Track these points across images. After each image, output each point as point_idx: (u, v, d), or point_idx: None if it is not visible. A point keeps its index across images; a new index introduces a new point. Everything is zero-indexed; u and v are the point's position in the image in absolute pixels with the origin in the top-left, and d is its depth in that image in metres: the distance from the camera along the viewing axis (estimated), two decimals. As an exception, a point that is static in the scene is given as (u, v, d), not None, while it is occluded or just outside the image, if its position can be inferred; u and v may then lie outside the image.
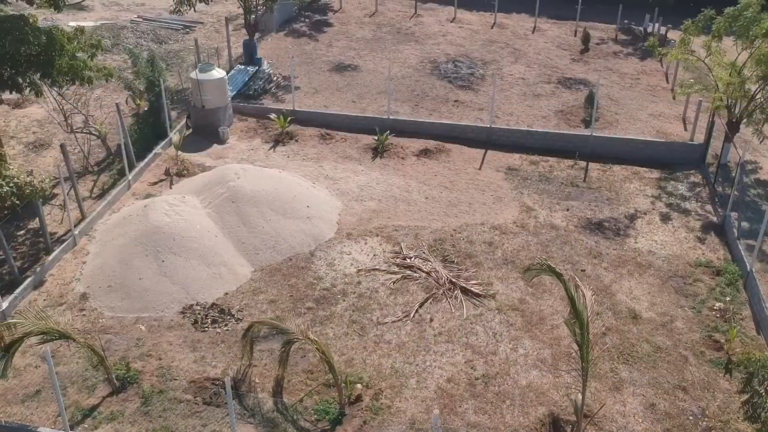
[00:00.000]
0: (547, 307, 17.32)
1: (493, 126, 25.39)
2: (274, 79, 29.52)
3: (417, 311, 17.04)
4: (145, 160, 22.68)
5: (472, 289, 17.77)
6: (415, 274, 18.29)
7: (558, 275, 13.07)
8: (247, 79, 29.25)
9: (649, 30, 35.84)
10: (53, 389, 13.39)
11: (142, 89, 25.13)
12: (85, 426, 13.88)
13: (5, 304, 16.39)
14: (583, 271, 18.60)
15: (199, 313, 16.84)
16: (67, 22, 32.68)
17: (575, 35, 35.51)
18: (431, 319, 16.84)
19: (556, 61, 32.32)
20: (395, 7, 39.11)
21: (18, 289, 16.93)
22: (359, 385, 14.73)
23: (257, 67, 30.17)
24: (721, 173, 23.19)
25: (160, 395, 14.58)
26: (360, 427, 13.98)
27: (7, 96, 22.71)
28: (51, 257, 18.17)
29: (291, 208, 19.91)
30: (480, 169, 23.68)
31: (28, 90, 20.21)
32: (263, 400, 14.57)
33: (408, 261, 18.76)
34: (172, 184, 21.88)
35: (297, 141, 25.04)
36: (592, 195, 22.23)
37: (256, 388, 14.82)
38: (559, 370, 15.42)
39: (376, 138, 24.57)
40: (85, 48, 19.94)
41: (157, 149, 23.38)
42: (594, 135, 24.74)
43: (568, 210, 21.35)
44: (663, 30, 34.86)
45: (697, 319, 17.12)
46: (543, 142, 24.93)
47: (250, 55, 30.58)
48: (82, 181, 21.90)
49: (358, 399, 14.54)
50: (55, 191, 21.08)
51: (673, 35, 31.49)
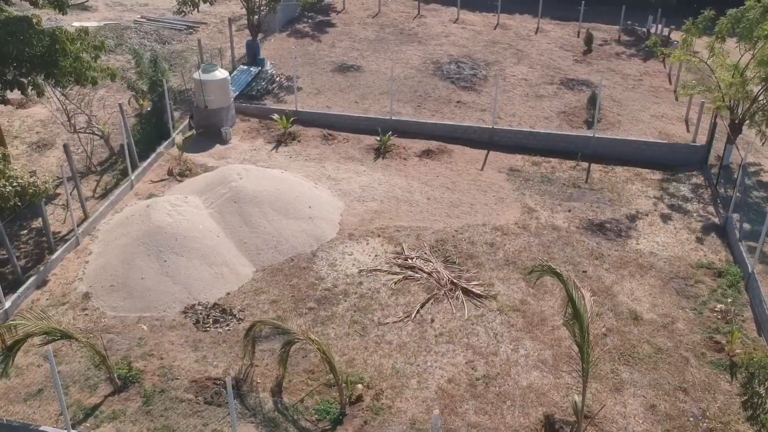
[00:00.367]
0: (548, 308, 17.33)
1: (495, 127, 25.41)
2: (277, 79, 29.57)
3: (418, 312, 17.07)
4: (148, 160, 22.76)
5: (474, 289, 17.79)
6: (416, 275, 18.32)
7: (558, 275, 13.10)
8: (249, 79, 29.32)
9: (651, 31, 35.83)
10: (55, 388, 13.46)
11: (145, 89, 25.21)
12: (87, 425, 13.93)
13: (8, 304, 16.46)
14: (585, 272, 18.62)
15: (200, 313, 16.90)
16: (71, 22, 32.79)
17: (578, 36, 35.50)
18: (432, 320, 16.87)
19: (559, 62, 32.33)
20: (398, 8, 39.15)
21: (21, 289, 17.01)
22: (360, 386, 14.76)
23: (260, 68, 30.22)
24: (723, 175, 23.17)
25: (162, 395, 14.63)
26: (361, 427, 14.02)
27: (11, 96, 22.77)
28: (54, 257, 18.25)
29: (293, 208, 19.96)
30: (482, 169, 23.71)
31: (31, 90, 20.33)
32: (264, 399, 14.61)
33: (409, 262, 18.79)
34: (179, 179, 21.99)
35: (299, 141, 25.10)
36: (594, 196, 22.24)
37: (258, 388, 14.86)
38: (560, 371, 15.44)
39: (379, 139, 24.60)
40: (89, 49, 20.03)
41: (160, 148, 23.45)
42: (596, 136, 24.75)
43: (569, 211, 21.36)
44: (666, 31, 34.88)
45: (699, 320, 17.12)
46: (545, 143, 24.95)
47: (253, 56, 30.65)
48: (85, 181, 21.99)
49: (359, 399, 14.57)
50: (58, 191, 21.20)
51: (676, 36, 31.45)
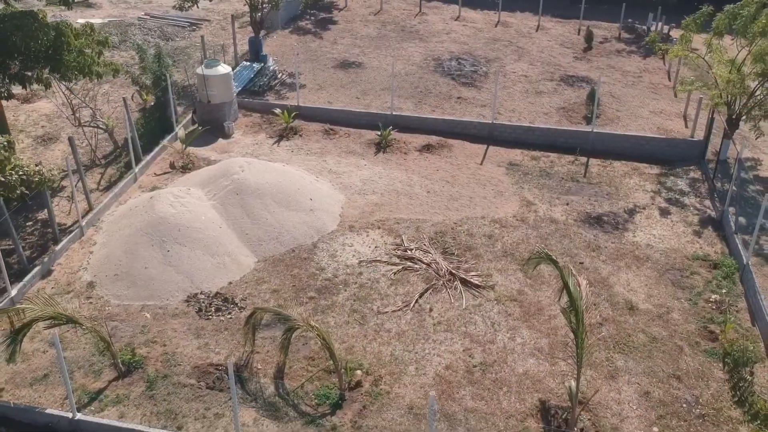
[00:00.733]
0: (545, 299, 17.58)
1: (495, 122, 25.67)
2: (279, 76, 29.86)
3: (417, 301, 17.33)
4: (152, 153, 23.06)
5: (472, 280, 18.05)
6: (415, 266, 18.58)
7: (554, 262, 13.35)
8: (252, 75, 29.60)
9: (652, 29, 36.02)
10: (61, 373, 13.75)
11: (149, 84, 25.52)
12: (92, 408, 14.23)
13: (14, 292, 16.77)
14: (582, 263, 18.86)
15: (203, 302, 17.18)
16: (76, 19, 33.12)
17: (579, 34, 35.75)
18: (431, 309, 17.14)
19: (559, 59, 32.57)
20: (400, 6, 39.43)
21: (27, 277, 17.31)
22: (359, 372, 15.04)
23: (262, 64, 30.51)
24: (720, 169, 23.40)
25: (165, 380, 14.92)
26: (360, 412, 14.29)
27: (16, 91, 23.11)
28: (59, 247, 18.55)
29: (294, 200, 20.24)
30: (481, 164, 23.97)
31: (36, 84, 20.66)
32: (265, 385, 14.89)
33: (409, 253, 19.06)
34: (182, 172, 22.31)
35: (301, 136, 25.38)
36: (592, 190, 22.49)
37: (258, 374, 15.15)
38: (556, 358, 15.69)
39: (380, 133, 24.88)
40: (93, 45, 20.35)
41: (164, 142, 23.75)
42: (595, 131, 25.00)
43: (567, 204, 21.61)
44: (666, 29, 35.10)
45: (693, 310, 17.36)
46: (544, 138, 25.19)
47: (255, 52, 30.95)
48: (89, 174, 22.29)
49: (358, 385, 14.84)
50: (63, 183, 21.51)
51: (676, 34, 31.64)
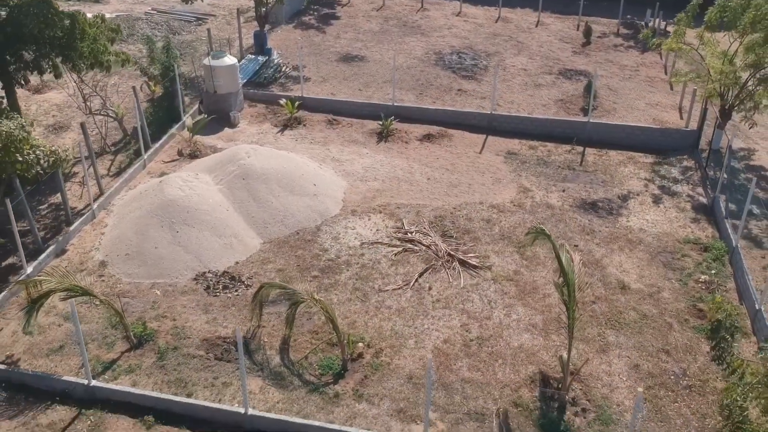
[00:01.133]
0: (540, 278, 18.23)
1: (494, 113, 26.31)
2: (284, 69, 30.52)
3: (417, 280, 17.99)
4: (161, 141, 23.75)
5: (470, 261, 18.71)
6: (415, 248, 19.24)
7: (548, 236, 14.02)
8: (257, 68, 30.27)
9: (650, 24, 36.64)
10: (77, 340, 14.43)
11: (157, 74, 26.21)
12: (106, 377, 14.91)
13: (30, 269, 17.46)
14: (576, 246, 19.49)
15: (211, 280, 17.86)
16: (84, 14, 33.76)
17: (578, 29, 36.35)
18: (430, 288, 17.80)
19: (558, 54, 33.20)
20: (402, 1, 40.06)
21: (42, 256, 18.02)
22: (361, 344, 15.72)
23: (267, 57, 31.18)
24: (713, 158, 24.03)
25: (175, 351, 15.60)
26: (361, 381, 14.95)
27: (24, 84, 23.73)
28: (72, 228, 19.24)
29: (298, 185, 20.91)
30: (480, 153, 24.62)
31: (49, 71, 21.34)
32: (271, 356, 15.57)
33: (409, 235, 19.72)
34: (189, 160, 23.04)
35: (305, 126, 26.04)
36: (588, 177, 23.12)
37: (265, 346, 15.82)
38: (549, 334, 16.34)
39: (381, 123, 25.53)
40: (106, 32, 21.03)
41: (173, 130, 24.45)
42: (591, 121, 25.63)
43: (563, 191, 22.25)
44: (663, 24, 35.72)
45: (684, 290, 17.99)
46: (542, 129, 25.81)
47: (260, 46, 31.61)
48: (99, 161, 22.95)
49: (360, 356, 15.52)
50: (75, 170, 22.20)
51: (673, 29, 32.26)
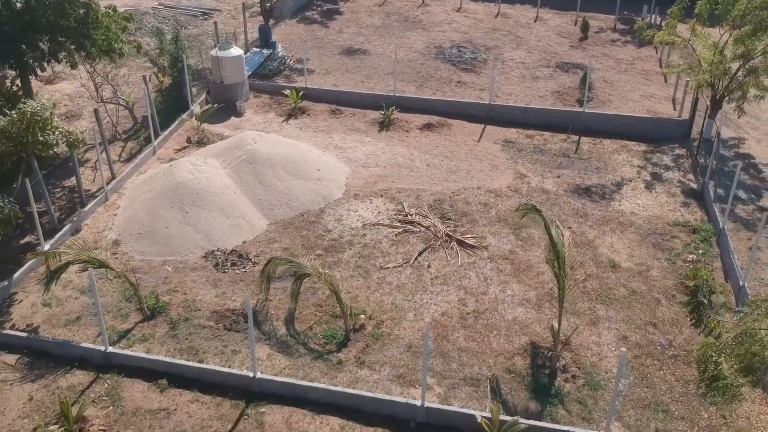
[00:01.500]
0: (535, 258, 19.05)
1: (492, 103, 27.12)
2: (288, 61, 31.35)
3: (416, 259, 18.82)
4: (170, 128, 24.60)
5: (467, 241, 19.53)
6: (415, 229, 20.06)
7: (538, 211, 14.82)
8: (262, 60, 31.11)
9: (646, 20, 37.40)
10: (94, 309, 15.26)
11: (166, 65, 27.06)
12: (121, 345, 15.74)
13: (47, 246, 18.31)
14: (570, 228, 20.29)
15: (219, 258, 18.69)
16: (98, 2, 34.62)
17: (575, 24, 37.13)
18: (429, 266, 18.62)
19: (556, 48, 33.99)
20: (404, -3, 40.89)
21: (58, 234, 18.88)
22: (363, 316, 16.54)
23: (272, 50, 32.01)
24: (704, 147, 24.83)
25: (186, 322, 16.44)
26: (363, 350, 15.78)
27: (40, 72, 24.57)
28: (86, 209, 20.08)
29: (303, 170, 21.74)
30: (479, 141, 25.43)
31: (64, 62, 22.18)
32: (278, 327, 16.40)
33: (409, 217, 20.54)
34: (198, 147, 23.88)
35: (309, 115, 26.87)
36: (582, 164, 23.93)
37: (272, 318, 16.65)
38: (542, 305, 17.16)
39: (383, 113, 26.35)
40: (119, 21, 21.88)
41: (183, 116, 25.32)
42: (586, 111, 26.43)
43: (558, 177, 23.06)
44: (659, 20, 36.49)
45: (672, 269, 18.80)
46: (539, 119, 26.62)
47: (265, 39, 32.46)
48: (111, 147, 23.79)
49: (362, 327, 16.35)
50: (87, 156, 23.05)
51: (665, 22, 33.04)
